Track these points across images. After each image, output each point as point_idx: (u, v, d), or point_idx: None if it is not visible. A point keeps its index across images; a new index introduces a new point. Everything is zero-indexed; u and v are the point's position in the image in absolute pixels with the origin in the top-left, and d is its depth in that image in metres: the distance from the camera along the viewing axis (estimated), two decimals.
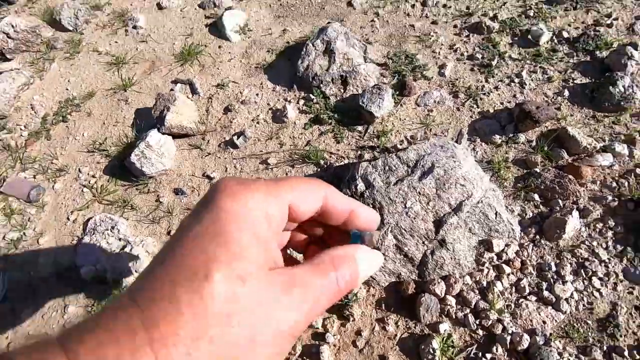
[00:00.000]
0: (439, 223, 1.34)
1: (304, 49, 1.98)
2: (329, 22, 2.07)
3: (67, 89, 2.27)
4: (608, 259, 1.36)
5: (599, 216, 1.45)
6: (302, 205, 0.30)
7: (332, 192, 0.33)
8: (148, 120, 2.00)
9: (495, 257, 1.39)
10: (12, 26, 2.41)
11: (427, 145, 1.42)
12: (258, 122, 1.93)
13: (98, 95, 2.21)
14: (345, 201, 0.33)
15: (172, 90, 2.13)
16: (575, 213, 1.42)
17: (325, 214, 0.33)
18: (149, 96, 2.14)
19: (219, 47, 2.28)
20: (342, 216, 0.33)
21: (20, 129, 2.15)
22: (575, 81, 1.81)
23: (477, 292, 1.36)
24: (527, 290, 1.34)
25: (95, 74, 2.30)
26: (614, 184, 1.50)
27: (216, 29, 2.35)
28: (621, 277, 1.33)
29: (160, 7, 2.55)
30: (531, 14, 2.07)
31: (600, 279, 1.33)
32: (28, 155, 2.05)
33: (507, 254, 1.39)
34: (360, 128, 1.81)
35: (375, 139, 1.77)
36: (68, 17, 2.54)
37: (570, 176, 1.49)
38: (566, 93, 1.77)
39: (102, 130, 2.07)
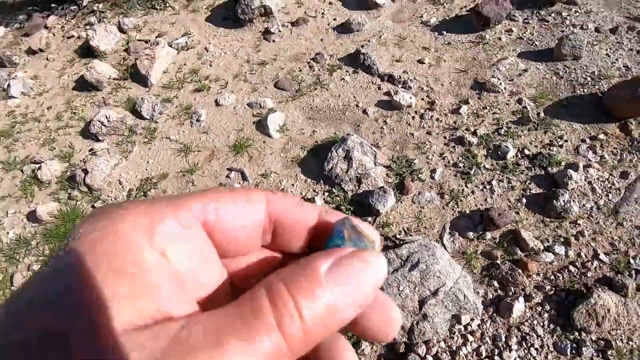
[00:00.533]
0: (422, 302, 1.92)
1: (329, 154, 2.65)
2: (348, 134, 2.75)
3: (146, 169, 2.97)
4: (543, 334, 1.91)
5: (539, 301, 2.01)
6: (226, 219, 0.22)
7: (282, 197, 0.24)
8: None
9: (462, 328, 1.96)
10: (106, 117, 3.16)
11: (415, 245, 2.03)
12: None
13: (170, 176, 2.90)
14: (303, 208, 0.24)
15: (227, 176, 2.81)
16: (521, 299, 1.99)
17: (278, 232, 0.24)
18: (209, 180, 2.82)
19: (264, 142, 2.97)
20: (303, 232, 0.24)
21: (111, 201, 2.84)
22: (531, 191, 2.43)
23: (448, 354, 1.91)
24: (484, 355, 1.89)
25: (168, 158, 3.01)
26: (552, 277, 2.07)
27: (261, 126, 3.07)
28: (552, 348, 1.88)
29: (217, 103, 3.30)
30: (502, 132, 2.73)
31: (536, 349, 1.88)
32: None
33: (471, 326, 1.96)
34: (369, 219, 2.44)
35: (381, 229, 2.39)
36: (147, 109, 3.29)
37: (520, 270, 2.07)
38: (524, 200, 2.39)
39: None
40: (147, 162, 3.01)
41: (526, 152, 2.60)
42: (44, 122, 3.45)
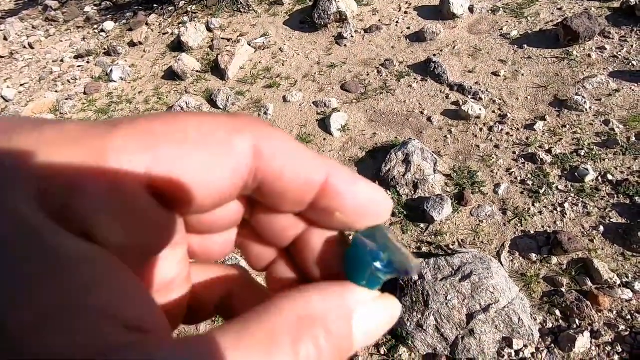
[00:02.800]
0: (470, 316, 1.81)
1: (388, 156, 2.63)
2: (409, 139, 2.71)
3: None
4: None
5: (610, 340, 1.78)
6: (179, 174, 0.15)
7: (273, 140, 0.17)
8: None
9: (513, 353, 1.80)
10: (186, 103, 3.47)
11: (470, 256, 1.92)
12: None
13: None
14: (305, 160, 0.17)
15: None
16: (587, 334, 1.78)
17: (265, 193, 0.17)
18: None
19: (324, 139, 3.05)
20: (301, 192, 0.18)
21: None
22: (611, 220, 2.18)
23: None
24: None
25: None
26: (629, 317, 1.83)
27: (324, 124, 3.14)
28: None
29: (285, 100, 3.45)
30: (582, 153, 2.50)
31: None
32: None
33: (523, 353, 1.79)
34: (422, 225, 2.37)
35: (433, 237, 2.30)
36: (221, 99, 3.55)
37: (589, 302, 1.86)
38: (601, 228, 2.15)
39: None
40: None
41: (609, 177, 2.34)
42: (134, 104, 3.89)
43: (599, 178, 2.36)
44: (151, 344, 0.12)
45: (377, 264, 0.17)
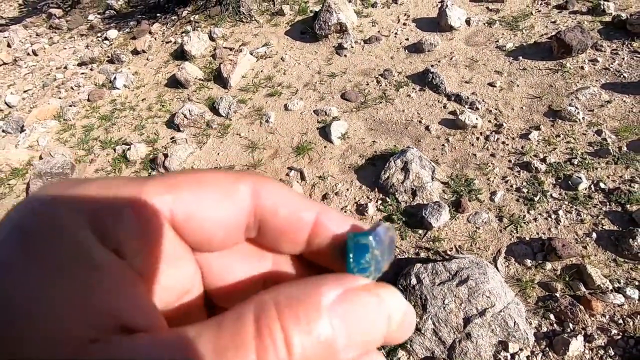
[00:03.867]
0: (467, 320, 1.85)
1: (387, 164, 2.70)
2: (408, 147, 2.78)
3: (216, 160, 3.26)
4: None
5: (603, 344, 1.83)
6: (199, 216, 0.19)
7: (272, 189, 0.20)
8: None
9: (509, 356, 1.84)
10: (189, 111, 3.54)
11: (467, 261, 1.98)
12: (345, 211, 2.65)
13: (236, 168, 3.14)
14: (297, 200, 0.20)
15: (287, 174, 2.98)
16: (580, 338, 1.83)
17: (266, 232, 0.20)
18: (270, 175, 3.01)
19: (325, 147, 3.11)
20: (295, 229, 0.20)
21: None
22: (604, 227, 2.24)
23: None
24: None
25: (236, 152, 3.27)
26: (621, 321, 1.88)
27: (324, 132, 3.21)
28: None
29: (286, 108, 3.53)
30: (575, 162, 2.57)
31: None
32: None
33: (519, 356, 1.84)
34: (420, 231, 2.42)
35: (431, 242, 2.36)
36: (224, 107, 3.62)
37: (582, 306, 1.91)
38: (594, 235, 2.21)
39: None
40: (218, 153, 3.29)
41: (601, 185, 2.41)
42: (137, 111, 3.96)
43: (592, 186, 2.43)
44: (137, 340, 0.15)
45: (360, 239, 0.19)
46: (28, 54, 5.49)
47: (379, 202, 2.64)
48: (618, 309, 1.92)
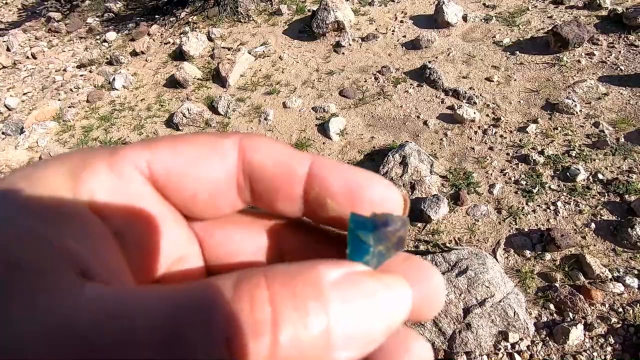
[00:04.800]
0: (467, 311, 1.86)
1: (386, 158, 2.70)
2: (406, 141, 2.79)
3: None
4: None
5: (603, 332, 1.83)
6: (181, 173, 0.18)
7: (260, 143, 0.19)
8: None
9: (509, 346, 1.85)
10: (188, 110, 3.55)
11: (466, 252, 1.98)
12: None
13: None
14: (286, 152, 0.19)
15: None
16: (580, 326, 1.83)
17: (257, 189, 0.19)
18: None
19: (323, 143, 3.12)
20: (287, 183, 0.18)
21: None
22: (602, 217, 2.25)
23: None
24: None
25: None
26: (621, 309, 1.88)
27: (323, 129, 3.22)
28: None
29: (285, 106, 3.54)
30: (573, 154, 2.58)
31: None
32: None
33: (519, 346, 1.84)
34: (420, 224, 2.43)
35: (430, 235, 2.36)
36: (222, 106, 3.64)
37: (582, 296, 1.92)
38: (593, 225, 2.21)
39: None
40: None
41: (600, 176, 2.42)
42: (136, 111, 3.97)
43: (590, 177, 2.44)
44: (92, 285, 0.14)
45: (359, 219, 0.16)
46: (27, 58, 5.52)
47: None
48: (618, 298, 1.92)
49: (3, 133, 4.05)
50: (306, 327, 0.12)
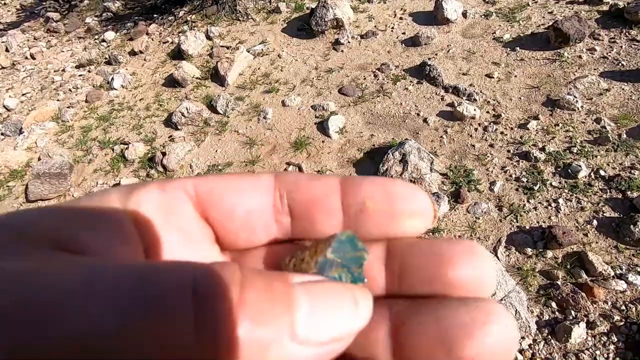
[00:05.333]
0: None
1: (386, 156, 2.68)
2: (406, 139, 2.77)
3: (214, 157, 3.25)
4: None
5: (605, 330, 1.81)
6: (223, 199, 0.19)
7: (291, 173, 0.20)
8: None
9: None
10: (187, 109, 3.54)
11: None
12: None
13: (234, 165, 3.14)
14: (319, 180, 0.20)
15: (286, 170, 2.97)
16: (583, 325, 1.81)
17: (296, 214, 0.20)
18: (269, 171, 3.00)
19: (323, 141, 3.10)
20: (326, 209, 0.19)
21: None
22: (604, 214, 2.22)
23: None
24: None
25: (234, 149, 3.26)
26: (623, 307, 1.86)
27: (322, 127, 3.20)
28: None
29: (284, 104, 3.52)
30: (575, 151, 2.55)
31: None
32: None
33: (521, 344, 1.82)
34: None
35: (430, 233, 2.34)
36: (221, 105, 3.62)
37: (584, 294, 1.90)
38: (595, 222, 2.19)
39: None
40: (216, 151, 3.29)
41: (601, 173, 2.40)
42: (135, 110, 3.96)
43: (592, 174, 2.42)
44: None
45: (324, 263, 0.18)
46: (26, 58, 5.50)
47: None
48: (620, 296, 1.90)
49: (2, 134, 4.04)
50: (268, 298, 0.14)
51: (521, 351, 1.81)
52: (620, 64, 3.02)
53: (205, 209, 0.19)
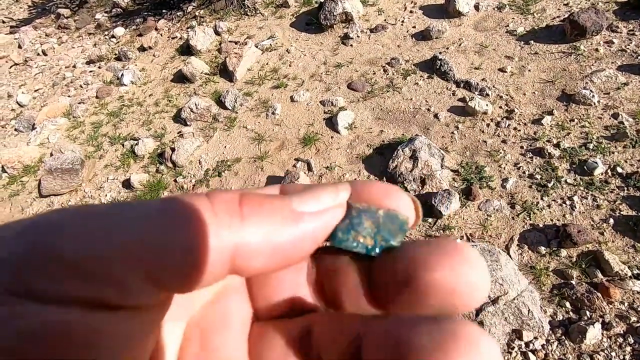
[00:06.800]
0: (479, 308, 1.81)
1: (395, 152, 2.65)
2: (416, 135, 2.73)
3: (223, 153, 3.25)
4: None
5: (621, 332, 1.77)
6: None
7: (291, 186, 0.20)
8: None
9: (523, 345, 1.80)
10: (195, 104, 3.54)
11: (478, 248, 1.93)
12: None
13: (243, 161, 3.13)
14: (320, 186, 0.20)
15: (294, 166, 2.96)
16: (598, 325, 1.77)
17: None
18: (277, 167, 2.99)
19: (331, 137, 3.08)
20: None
21: (190, 177, 3.15)
22: (621, 212, 2.16)
23: None
24: None
25: (243, 144, 3.26)
26: None
27: (331, 122, 3.18)
28: None
29: (292, 99, 3.50)
30: (591, 147, 2.49)
31: None
32: None
33: (534, 345, 1.79)
34: (430, 220, 2.37)
35: (441, 231, 2.31)
36: (230, 100, 3.61)
37: (599, 294, 1.85)
38: (611, 221, 2.13)
39: (244, 187, 2.94)
40: (225, 146, 3.29)
41: (619, 170, 2.33)
42: (145, 106, 3.97)
43: (609, 171, 2.35)
44: None
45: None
46: (38, 54, 5.57)
47: None
48: (637, 296, 1.85)
49: (15, 130, 4.10)
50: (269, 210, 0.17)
51: (534, 351, 1.78)
52: (639, 57, 2.93)
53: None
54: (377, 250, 0.19)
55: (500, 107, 2.90)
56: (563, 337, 1.81)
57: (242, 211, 0.16)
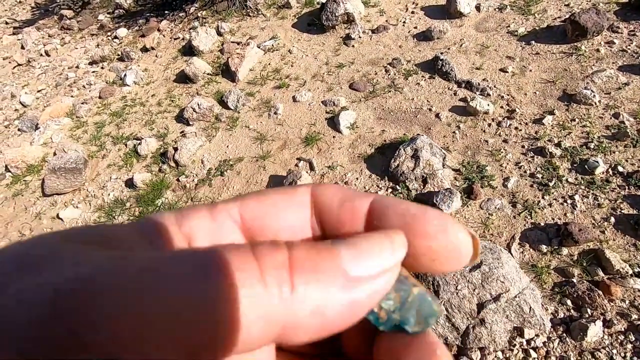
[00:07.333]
0: (481, 306, 1.82)
1: (397, 152, 2.66)
2: (418, 134, 2.74)
3: (225, 152, 3.27)
4: None
5: (622, 329, 1.78)
6: (266, 217, 0.20)
7: (325, 185, 0.22)
8: (277, 184, 2.83)
9: (525, 342, 1.81)
10: (198, 104, 3.56)
11: (479, 247, 1.94)
12: None
13: (245, 160, 3.15)
14: (350, 191, 0.21)
15: (296, 165, 2.97)
16: (599, 323, 1.78)
17: (324, 222, 0.21)
18: (279, 167, 3.01)
19: (333, 137, 3.09)
20: (351, 213, 0.20)
21: (193, 176, 3.17)
22: (622, 211, 2.17)
23: None
24: None
25: (245, 144, 3.28)
26: None
27: (332, 122, 3.19)
28: None
29: (294, 100, 3.51)
30: (592, 146, 2.50)
31: None
32: (195, 196, 3.01)
33: (535, 342, 1.80)
34: None
35: None
36: (232, 100, 3.63)
37: (600, 292, 1.86)
38: (612, 220, 2.14)
39: (246, 186, 2.96)
40: (227, 146, 3.31)
41: (619, 169, 2.34)
42: (147, 106, 4.00)
43: (610, 170, 2.36)
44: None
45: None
46: (41, 55, 5.60)
47: (389, 190, 2.61)
48: (638, 294, 1.86)
49: (19, 129, 4.12)
50: (323, 284, 0.16)
51: (535, 349, 1.79)
52: (639, 58, 2.94)
53: (252, 236, 0.21)
54: (385, 327, 0.18)
55: (502, 107, 2.91)
56: (564, 334, 1.82)
57: (293, 280, 0.15)
